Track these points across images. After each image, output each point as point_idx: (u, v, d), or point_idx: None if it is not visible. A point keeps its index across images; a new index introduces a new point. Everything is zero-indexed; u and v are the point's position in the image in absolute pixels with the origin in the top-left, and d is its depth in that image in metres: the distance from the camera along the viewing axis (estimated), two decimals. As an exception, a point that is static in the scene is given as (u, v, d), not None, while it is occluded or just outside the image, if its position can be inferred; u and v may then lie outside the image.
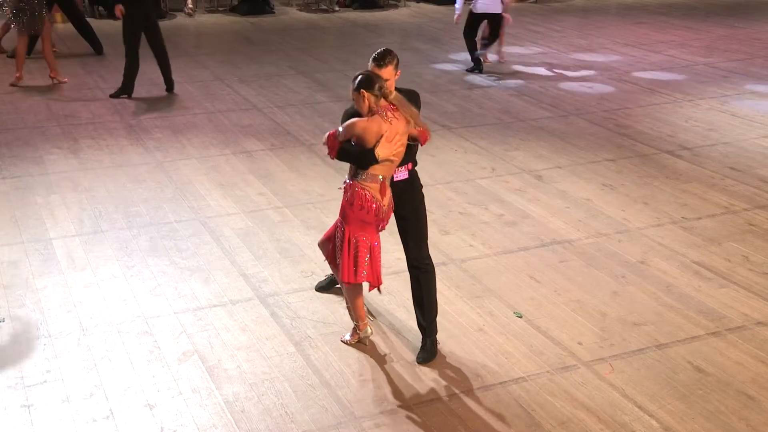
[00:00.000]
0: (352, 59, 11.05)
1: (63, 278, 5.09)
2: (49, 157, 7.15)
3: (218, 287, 5.04)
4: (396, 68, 4.42)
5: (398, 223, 4.44)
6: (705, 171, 7.16)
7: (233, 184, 6.65)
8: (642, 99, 9.40)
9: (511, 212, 6.20)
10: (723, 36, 12.99)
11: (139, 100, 8.94)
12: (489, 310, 4.83)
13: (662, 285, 5.17)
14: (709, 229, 5.99)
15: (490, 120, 8.54)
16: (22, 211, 6.04)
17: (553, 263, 5.43)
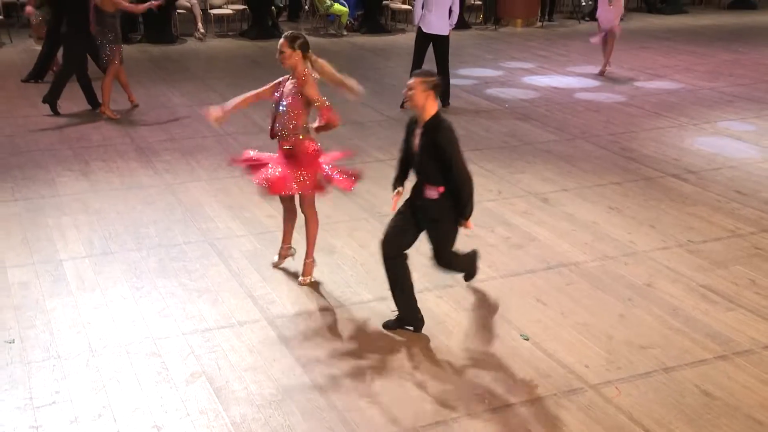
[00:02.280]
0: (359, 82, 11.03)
1: (73, 299, 5.11)
2: (60, 179, 7.19)
3: (226, 308, 5.04)
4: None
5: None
6: (711, 194, 7.15)
7: (241, 206, 6.67)
8: (647, 123, 9.42)
9: (518, 235, 6.20)
10: (727, 61, 13.02)
11: (150, 123, 9.00)
12: (496, 333, 4.82)
13: (669, 308, 5.15)
14: (715, 252, 5.97)
15: (496, 143, 8.56)
16: (33, 232, 6.07)
17: (559, 286, 5.41)
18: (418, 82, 4.47)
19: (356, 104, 9.91)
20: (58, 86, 9.14)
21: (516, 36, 15.16)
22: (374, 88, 10.84)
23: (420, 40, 9.64)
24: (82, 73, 9.21)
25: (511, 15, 16.15)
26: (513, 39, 14.83)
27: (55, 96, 9.11)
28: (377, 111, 9.69)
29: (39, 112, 9.15)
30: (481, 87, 10.99)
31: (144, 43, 13.46)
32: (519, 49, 13.52)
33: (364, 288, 5.33)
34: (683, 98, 10.58)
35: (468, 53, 10.94)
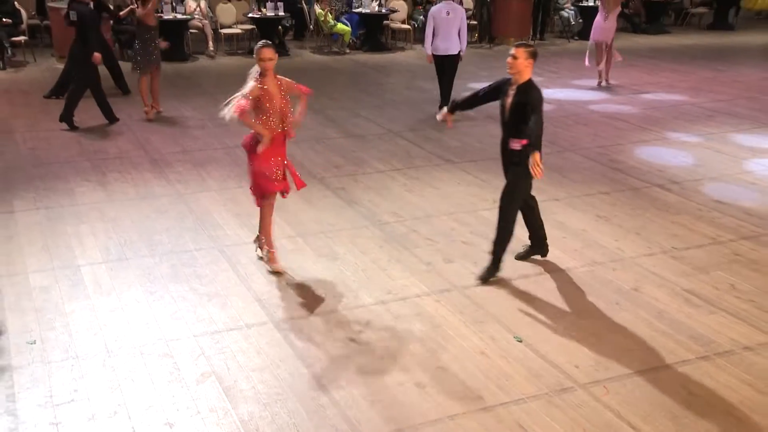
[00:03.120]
0: (361, 98, 11.12)
1: (90, 303, 5.09)
2: (79, 189, 7.19)
3: (235, 312, 5.03)
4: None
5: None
6: (693, 204, 7.14)
7: (249, 214, 6.66)
8: (634, 136, 9.42)
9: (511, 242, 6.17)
10: (708, 78, 13.03)
11: (163, 136, 9.00)
12: (490, 335, 4.81)
13: (654, 311, 5.14)
14: (697, 258, 5.96)
15: (490, 154, 8.53)
16: (53, 239, 6.06)
17: (551, 290, 5.40)
18: (521, 51, 5.11)
19: (358, 118, 9.94)
20: (71, 104, 9.15)
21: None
22: (375, 102, 10.87)
23: (437, 64, 10.09)
24: (97, 89, 9.22)
25: (504, 34, 16.18)
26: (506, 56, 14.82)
27: (70, 113, 9.12)
28: (377, 124, 9.70)
29: (60, 127, 9.16)
30: (476, 102, 10.98)
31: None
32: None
33: (365, 292, 5.32)
34: (667, 113, 10.59)
35: (464, 69, 10.95)
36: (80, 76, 9.11)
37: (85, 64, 8.97)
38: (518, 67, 5.13)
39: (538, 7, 16.29)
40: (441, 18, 9.78)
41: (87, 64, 8.94)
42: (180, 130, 9.29)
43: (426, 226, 6.49)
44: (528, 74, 5.17)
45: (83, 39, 8.90)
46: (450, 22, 9.77)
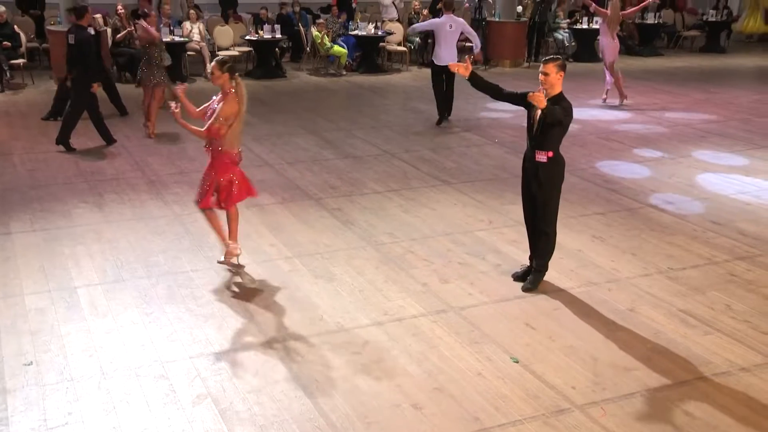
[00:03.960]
0: (357, 119, 11.15)
1: (86, 324, 5.06)
2: (76, 210, 7.17)
3: (231, 333, 4.99)
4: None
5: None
6: (688, 224, 7.15)
7: (246, 235, 6.65)
8: (628, 156, 9.44)
9: (508, 262, 6.17)
10: (700, 100, 13.11)
11: (160, 157, 9.00)
12: (487, 356, 4.78)
13: (651, 332, 5.12)
14: (693, 278, 5.95)
15: (486, 175, 8.56)
16: (50, 260, 6.03)
17: (547, 311, 5.38)
18: (552, 65, 5.18)
19: (354, 139, 9.96)
20: (68, 126, 9.16)
21: (505, 75, 15.25)
22: (371, 123, 10.90)
23: (436, 74, 10.61)
24: (94, 110, 9.24)
25: (500, 56, 16.30)
26: (502, 78, 14.89)
27: (66, 136, 9.13)
28: (373, 145, 9.71)
29: (57, 148, 9.16)
30: (473, 123, 11.03)
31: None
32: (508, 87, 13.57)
33: (361, 313, 5.30)
34: (661, 134, 10.63)
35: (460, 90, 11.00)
36: (77, 99, 9.12)
37: (82, 87, 8.99)
38: (551, 81, 5.21)
39: (532, 29, 16.43)
40: (444, 31, 10.40)
41: (85, 87, 8.97)
42: (177, 151, 9.29)
43: (422, 246, 6.48)
44: (559, 87, 5.27)
45: (81, 63, 8.92)
46: (453, 34, 10.41)
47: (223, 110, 5.55)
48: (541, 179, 5.40)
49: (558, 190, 5.50)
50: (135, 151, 9.23)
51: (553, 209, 5.53)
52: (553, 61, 5.25)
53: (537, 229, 5.63)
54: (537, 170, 5.42)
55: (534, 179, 5.45)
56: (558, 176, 5.46)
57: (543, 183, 5.41)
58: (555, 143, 5.39)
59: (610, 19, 11.94)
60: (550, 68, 5.22)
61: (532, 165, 5.45)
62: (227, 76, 5.58)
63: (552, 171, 5.39)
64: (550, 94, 5.27)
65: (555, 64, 5.22)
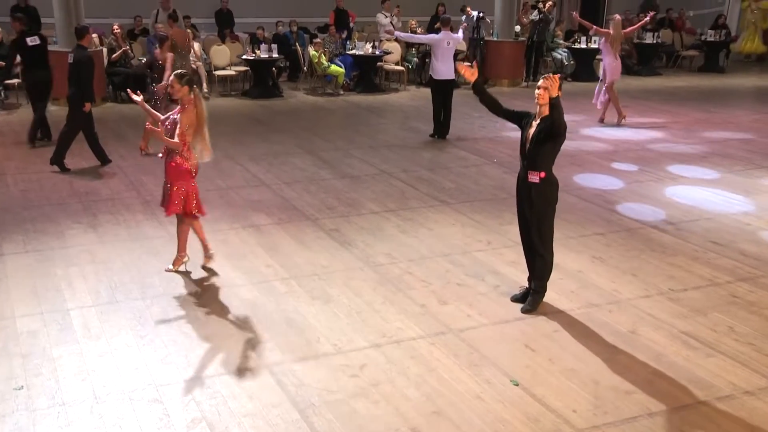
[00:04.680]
0: (355, 138, 11.18)
1: (78, 347, 5.03)
2: (69, 231, 7.15)
3: (226, 356, 4.97)
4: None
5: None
6: (689, 245, 7.15)
7: (242, 256, 6.64)
8: (628, 177, 9.47)
9: (507, 283, 6.16)
10: (700, 120, 13.17)
11: (156, 177, 9.00)
12: (486, 378, 4.75)
13: (652, 354, 5.10)
14: (695, 300, 5.94)
15: (485, 195, 8.57)
16: (42, 282, 6.01)
17: (547, 332, 5.36)
18: (552, 82, 5.17)
19: (351, 159, 9.98)
20: (63, 146, 9.19)
21: (503, 95, 15.27)
22: (369, 143, 10.92)
23: (434, 88, 11.07)
24: (89, 131, 9.26)
25: (497, 76, 16.38)
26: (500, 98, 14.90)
27: (61, 156, 9.15)
28: (371, 165, 9.73)
29: (51, 168, 9.16)
30: (471, 143, 11.06)
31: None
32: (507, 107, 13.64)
33: (359, 335, 5.27)
34: (660, 153, 10.66)
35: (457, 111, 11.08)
36: (73, 119, 9.14)
37: (78, 107, 9.02)
38: (550, 96, 5.21)
39: (531, 48, 16.52)
40: (441, 47, 10.86)
41: (81, 107, 9.00)
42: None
43: (420, 267, 6.47)
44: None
45: (78, 83, 8.96)
46: (450, 51, 10.88)
47: (186, 120, 5.87)
48: (533, 200, 5.41)
49: (552, 211, 5.50)
50: (130, 171, 9.24)
51: (547, 230, 5.52)
52: (550, 78, 5.24)
53: (533, 251, 5.62)
54: (530, 191, 5.42)
55: (527, 200, 5.46)
56: (551, 197, 5.46)
57: (536, 203, 5.41)
58: (547, 163, 5.41)
59: (612, 38, 12.04)
60: (551, 84, 5.19)
61: (524, 186, 5.47)
62: (186, 89, 5.87)
63: (545, 191, 5.40)
64: (542, 112, 5.32)
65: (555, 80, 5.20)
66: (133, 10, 15.43)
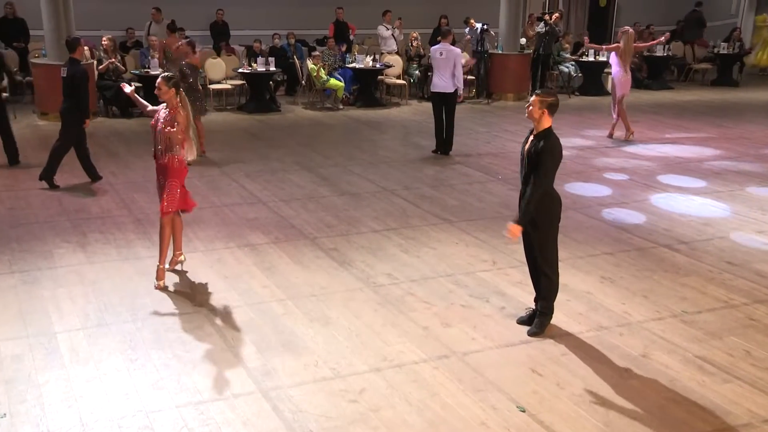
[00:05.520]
0: (355, 154, 11.21)
1: (65, 372, 5.01)
2: (57, 251, 7.16)
3: (221, 380, 4.95)
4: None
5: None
6: (703, 265, 7.14)
7: (237, 276, 6.64)
8: (637, 194, 9.48)
9: (513, 305, 6.15)
10: (713, 135, 13.21)
11: (148, 195, 9.02)
12: (491, 404, 4.73)
13: (665, 379, 5.08)
14: (709, 323, 5.93)
15: (489, 213, 8.58)
16: (28, 304, 6.00)
17: (555, 356, 5.35)
18: (537, 99, 5.29)
19: (351, 175, 10.00)
20: (54, 162, 9.21)
21: (508, 109, 15.40)
22: (369, 159, 10.95)
23: (434, 102, 11.26)
24: (81, 147, 9.29)
25: (502, 89, 16.46)
26: (505, 112, 15.07)
27: (52, 172, 9.18)
28: (371, 182, 9.75)
29: (40, 185, 9.18)
30: (475, 159, 11.09)
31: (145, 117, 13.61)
32: (511, 122, 13.72)
33: (359, 359, 5.26)
34: (672, 170, 10.68)
35: (461, 126, 11.12)
36: (66, 134, 9.19)
37: (72, 123, 9.08)
38: (533, 114, 5.30)
39: (537, 61, 16.60)
40: (435, 58, 11.01)
41: (74, 122, 9.06)
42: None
43: (423, 288, 6.46)
44: (546, 123, 5.33)
45: (71, 97, 9.01)
46: (444, 62, 10.84)
47: (182, 119, 6.25)
48: (534, 217, 5.41)
49: (554, 229, 5.51)
50: (121, 188, 9.26)
51: (551, 248, 5.52)
52: (540, 96, 5.32)
53: (537, 270, 5.62)
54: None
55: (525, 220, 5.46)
56: (552, 213, 5.46)
57: (536, 221, 5.41)
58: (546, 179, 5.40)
59: (623, 51, 12.10)
60: (534, 101, 5.30)
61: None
62: (173, 91, 6.23)
63: (545, 208, 5.40)
64: (536, 128, 5.37)
65: (540, 98, 5.29)
66: (125, 22, 15.57)
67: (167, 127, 6.21)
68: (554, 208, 5.46)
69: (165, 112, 6.32)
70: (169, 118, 6.25)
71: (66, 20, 12.83)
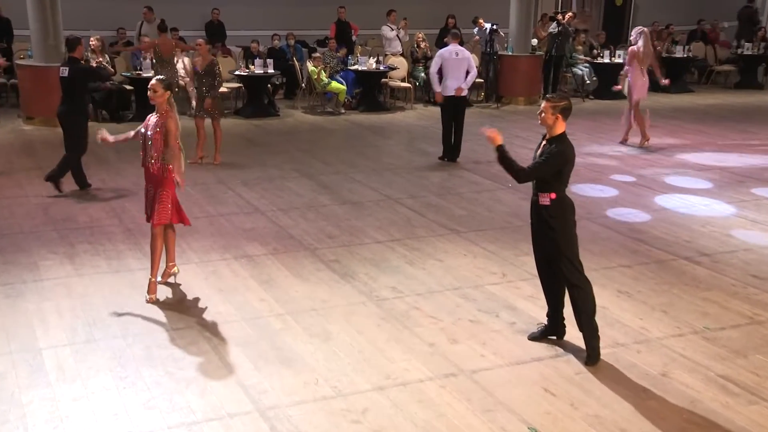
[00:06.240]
0: (357, 161, 11.24)
1: (51, 391, 5.02)
2: (43, 262, 7.18)
3: (215, 399, 4.95)
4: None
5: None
6: (726, 278, 7.13)
7: (233, 289, 6.64)
8: (656, 203, 9.48)
9: (524, 320, 6.15)
10: (737, 141, 13.21)
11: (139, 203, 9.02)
12: (502, 425, 4.73)
13: (686, 400, 5.06)
14: (733, 340, 5.92)
15: (499, 223, 8.59)
16: (12, 319, 6.02)
17: (568, 375, 5.34)
18: (548, 105, 5.36)
19: (353, 183, 10.03)
20: (64, 169, 9.29)
21: (518, 114, 15.43)
22: (372, 166, 10.98)
23: (444, 106, 11.29)
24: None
25: (513, 93, 16.50)
26: (516, 117, 15.10)
27: (60, 176, 9.27)
28: (375, 190, 9.77)
29: (26, 193, 9.22)
30: (484, 166, 11.10)
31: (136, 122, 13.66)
32: (522, 128, 13.74)
33: (361, 376, 5.26)
34: (692, 177, 10.69)
35: (469, 131, 11.13)
36: (74, 143, 9.28)
37: (73, 126, 9.21)
38: (546, 120, 5.37)
39: (549, 63, 16.63)
40: (450, 59, 11.09)
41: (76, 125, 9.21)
42: (158, 196, 9.32)
43: (429, 302, 6.47)
44: (559, 129, 5.39)
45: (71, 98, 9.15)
46: (458, 63, 11.05)
47: (173, 126, 6.30)
48: (551, 225, 5.42)
49: (570, 235, 5.50)
50: (111, 196, 9.29)
51: (572, 256, 5.51)
52: (551, 101, 5.38)
53: (558, 283, 5.61)
54: (543, 215, 5.45)
55: (541, 224, 5.49)
56: (566, 219, 5.47)
57: (552, 228, 5.42)
58: (558, 184, 5.44)
59: (644, 54, 12.10)
60: (546, 107, 5.36)
61: (537, 210, 5.51)
62: (168, 94, 6.32)
63: (558, 213, 5.41)
64: (549, 134, 5.43)
65: (552, 104, 5.35)
66: (115, 22, 15.64)
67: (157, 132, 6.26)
68: (567, 212, 5.47)
69: (155, 118, 6.35)
70: (159, 123, 6.29)
71: (53, 19, 12.90)
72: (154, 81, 6.30)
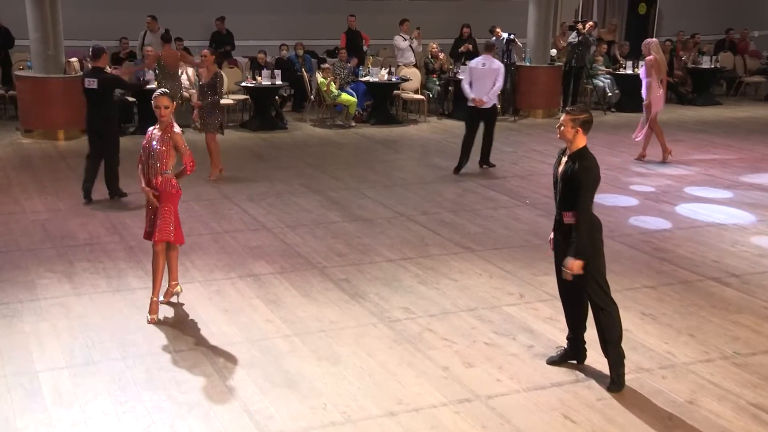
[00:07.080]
0: (368, 176, 11.27)
1: (47, 416, 5.03)
2: (41, 281, 7.22)
3: (219, 425, 4.96)
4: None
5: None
6: (757, 300, 7.09)
7: (239, 309, 6.66)
8: (682, 221, 9.45)
9: (542, 343, 6.13)
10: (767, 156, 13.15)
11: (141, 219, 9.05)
12: (520, 455, 4.70)
13: (715, 429, 5.03)
14: (765, 366, 5.88)
15: (516, 242, 8.58)
16: (8, 340, 6.05)
17: (590, 401, 5.32)
18: (568, 118, 5.35)
19: (364, 199, 10.05)
20: (114, 173, 9.75)
21: (537, 127, 15.44)
22: (384, 182, 11.00)
23: (469, 116, 11.59)
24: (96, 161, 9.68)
25: (531, 105, 16.51)
26: (534, 130, 15.11)
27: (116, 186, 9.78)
28: (386, 206, 9.78)
29: (22, 209, 9.29)
30: (500, 182, 11.11)
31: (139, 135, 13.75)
32: (540, 141, 13.75)
33: (371, 402, 5.25)
34: (720, 194, 10.66)
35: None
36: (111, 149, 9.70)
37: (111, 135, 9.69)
38: (565, 134, 5.37)
39: (568, 75, 16.65)
40: (477, 69, 11.39)
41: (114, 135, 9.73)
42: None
43: (442, 324, 6.46)
44: (580, 142, 5.39)
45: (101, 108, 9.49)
46: (485, 73, 11.31)
47: (180, 139, 6.44)
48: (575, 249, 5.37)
49: (598, 256, 5.48)
50: (112, 212, 9.35)
51: (599, 277, 5.48)
52: (571, 113, 5.37)
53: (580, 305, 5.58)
54: (568, 234, 5.42)
55: (566, 244, 5.45)
56: (594, 239, 5.46)
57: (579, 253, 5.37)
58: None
59: (659, 64, 12.10)
60: (566, 120, 5.36)
61: (561, 229, 5.49)
62: (174, 105, 6.55)
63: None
64: (570, 149, 5.42)
65: (572, 117, 5.34)
66: (118, 31, 15.77)
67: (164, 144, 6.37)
68: (594, 233, 5.45)
69: (158, 133, 6.45)
70: (165, 135, 6.38)
71: (53, 29, 13.01)
72: (161, 97, 6.40)
